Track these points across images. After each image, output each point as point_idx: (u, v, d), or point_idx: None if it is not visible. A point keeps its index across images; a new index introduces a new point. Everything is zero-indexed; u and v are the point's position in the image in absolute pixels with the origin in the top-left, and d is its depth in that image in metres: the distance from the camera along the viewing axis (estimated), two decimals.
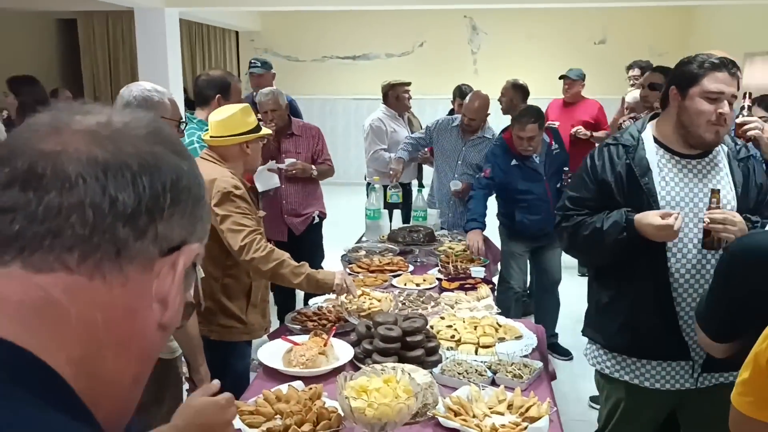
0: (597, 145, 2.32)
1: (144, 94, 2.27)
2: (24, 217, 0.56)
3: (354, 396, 1.71)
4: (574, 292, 4.53)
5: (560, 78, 6.07)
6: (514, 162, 3.92)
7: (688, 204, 2.01)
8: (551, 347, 3.95)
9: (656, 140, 2.08)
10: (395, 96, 5.17)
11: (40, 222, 0.56)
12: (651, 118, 2.22)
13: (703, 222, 1.94)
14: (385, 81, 5.22)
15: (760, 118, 2.88)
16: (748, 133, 2.38)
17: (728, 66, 1.97)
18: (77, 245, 0.56)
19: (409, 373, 1.83)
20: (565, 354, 4.31)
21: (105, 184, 0.57)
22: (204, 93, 3.35)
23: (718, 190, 1.96)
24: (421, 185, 5.28)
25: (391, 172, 4.45)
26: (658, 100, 3.85)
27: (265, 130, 2.67)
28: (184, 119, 2.52)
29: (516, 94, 5.23)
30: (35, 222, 0.56)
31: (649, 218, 1.94)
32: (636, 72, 6.25)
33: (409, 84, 5.27)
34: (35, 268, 0.56)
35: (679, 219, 1.90)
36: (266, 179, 4.00)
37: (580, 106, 5.95)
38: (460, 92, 5.62)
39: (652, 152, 2.06)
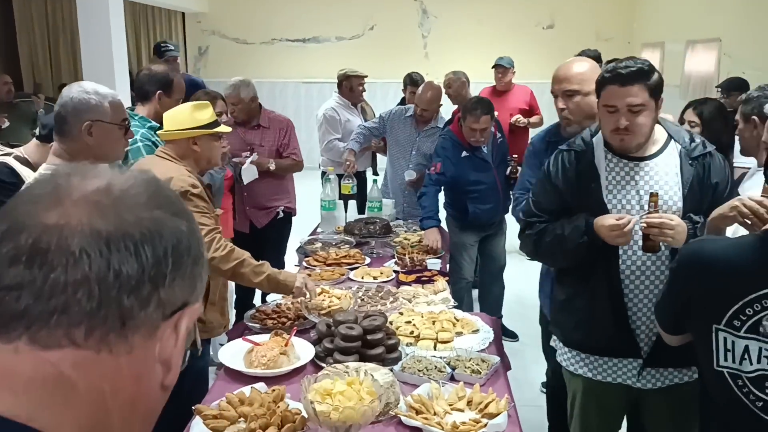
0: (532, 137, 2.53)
1: (81, 97, 2.19)
2: (30, 294, 0.56)
3: (318, 400, 1.73)
4: (515, 273, 4.69)
5: (493, 67, 6.16)
6: (464, 154, 3.96)
7: (634, 207, 2.05)
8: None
9: (606, 144, 2.10)
10: (349, 87, 5.14)
11: (47, 299, 0.56)
12: None
13: (641, 226, 1.98)
14: (342, 69, 5.16)
15: (689, 122, 2.97)
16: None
17: (620, 78, 1.97)
18: (84, 320, 0.57)
19: (372, 375, 1.86)
20: (512, 336, 4.45)
21: (109, 257, 0.57)
22: (144, 88, 3.26)
23: (656, 193, 1.99)
24: (375, 173, 5.29)
25: (345, 164, 4.45)
26: None
27: (223, 128, 2.63)
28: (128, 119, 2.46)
29: (463, 84, 5.32)
30: (42, 299, 0.56)
31: (604, 220, 2.00)
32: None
33: (365, 77, 5.23)
34: (43, 345, 0.56)
35: (632, 223, 1.96)
36: (250, 172, 3.96)
37: (511, 93, 6.09)
38: (411, 80, 5.65)
39: (601, 157, 2.10)
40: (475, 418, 1.87)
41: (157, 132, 2.60)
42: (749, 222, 1.70)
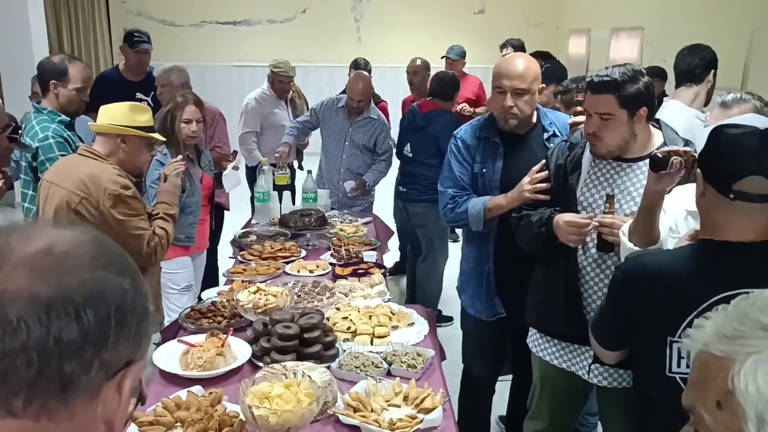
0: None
1: None
2: None
3: (256, 404, 1.74)
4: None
5: (442, 58, 6.22)
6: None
7: (600, 206, 2.15)
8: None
9: None
10: (278, 80, 5.01)
11: None
12: None
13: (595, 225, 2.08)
14: (273, 61, 5.00)
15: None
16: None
17: (591, 86, 2.07)
18: (22, 389, 0.55)
19: (309, 376, 1.88)
20: (447, 320, 4.58)
21: (48, 324, 0.55)
22: (42, 80, 3.15)
23: (613, 195, 2.09)
24: (300, 167, 5.21)
25: (276, 155, 4.41)
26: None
27: (158, 136, 2.61)
28: (14, 122, 2.34)
29: (426, 72, 5.37)
30: None
31: (566, 216, 2.12)
32: (508, 51, 6.48)
33: (291, 78, 5.06)
34: None
35: (590, 225, 2.08)
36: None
37: (462, 82, 6.13)
38: (356, 65, 5.62)
39: (589, 154, 2.19)
40: (411, 413, 1.91)
41: (89, 124, 2.54)
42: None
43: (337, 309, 2.61)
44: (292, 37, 10.32)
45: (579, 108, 2.59)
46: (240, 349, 2.30)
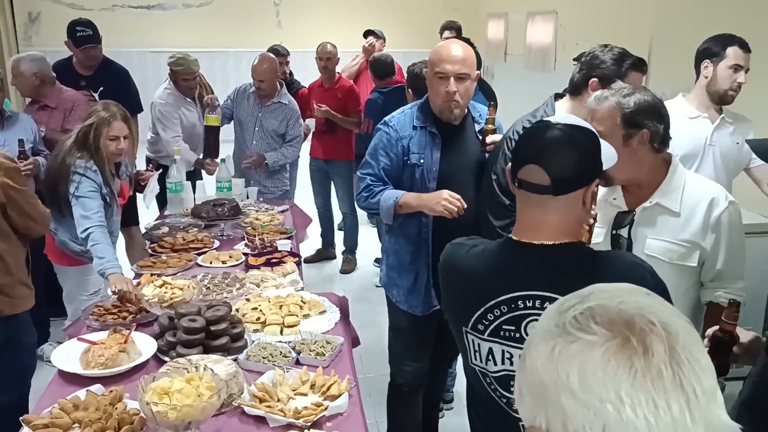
0: None
1: None
2: None
3: (156, 400, 1.71)
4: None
5: (367, 36, 6.19)
6: None
7: None
8: None
9: None
10: (181, 79, 4.58)
11: None
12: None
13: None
14: (171, 57, 4.64)
15: None
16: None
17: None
18: None
19: (211, 369, 1.85)
20: None
21: None
22: None
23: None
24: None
25: (207, 100, 4.42)
26: None
27: None
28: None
29: (336, 56, 5.34)
30: None
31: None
32: (452, 34, 6.51)
33: (195, 74, 4.65)
34: None
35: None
36: (153, 193, 3.70)
37: None
38: (274, 51, 5.53)
39: None
40: (317, 401, 1.92)
41: None
42: None
43: (247, 300, 2.59)
44: (210, 21, 10.08)
45: (491, 126, 2.59)
46: (145, 345, 2.25)
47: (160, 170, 3.66)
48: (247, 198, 4.21)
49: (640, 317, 0.67)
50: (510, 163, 1.49)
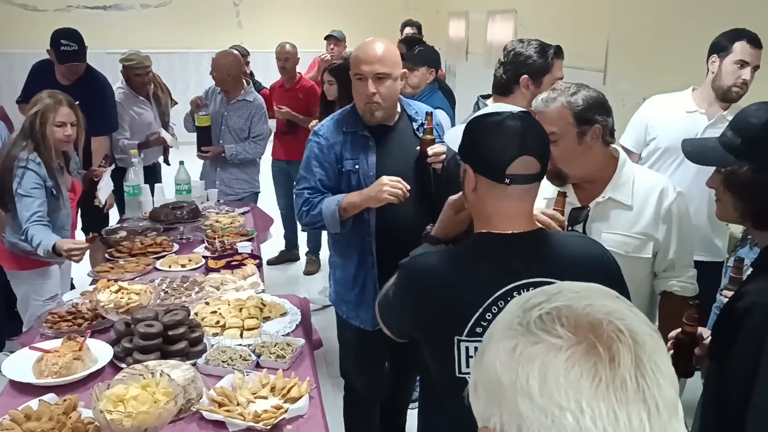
0: None
1: None
2: None
3: (110, 408, 1.67)
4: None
5: (326, 38, 6.18)
6: None
7: None
8: None
9: None
10: (134, 74, 4.57)
11: None
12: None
13: None
14: (123, 54, 4.65)
15: None
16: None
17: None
18: None
19: (168, 375, 1.82)
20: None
21: None
22: None
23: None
24: (167, 162, 5.00)
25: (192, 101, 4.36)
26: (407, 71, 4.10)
27: None
28: None
29: (296, 56, 5.30)
30: None
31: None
32: (413, 31, 6.52)
33: (148, 68, 4.65)
34: None
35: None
36: (108, 188, 3.60)
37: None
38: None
39: None
40: (277, 404, 1.90)
41: None
42: None
43: (207, 303, 2.55)
44: (168, 21, 9.94)
45: (429, 136, 2.40)
46: (101, 352, 2.20)
47: (113, 165, 3.54)
48: (207, 200, 4.15)
49: (608, 323, 0.65)
50: (486, 167, 1.45)
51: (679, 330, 1.66)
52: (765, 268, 1.49)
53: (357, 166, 2.44)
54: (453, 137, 1.79)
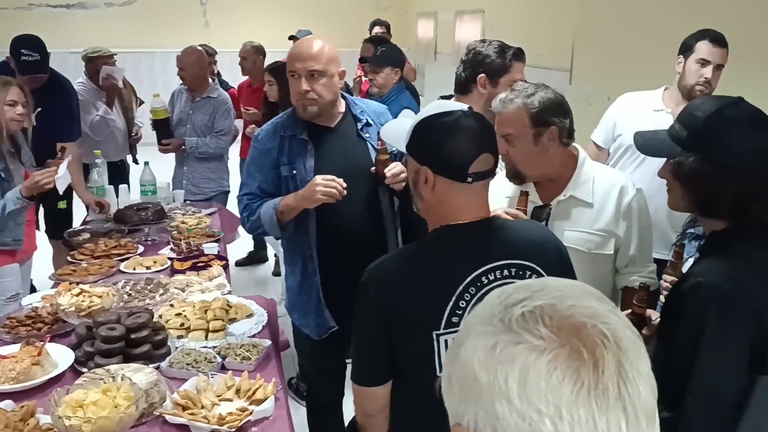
0: None
1: None
2: None
3: (69, 414, 1.64)
4: None
5: (290, 38, 6.12)
6: None
7: None
8: None
9: None
10: (94, 69, 4.48)
11: None
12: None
13: None
14: (85, 49, 4.57)
15: None
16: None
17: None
18: None
19: (130, 379, 1.79)
20: None
21: None
22: None
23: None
24: (135, 161, 4.91)
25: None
26: (372, 72, 4.09)
27: None
28: None
29: (258, 56, 5.23)
30: None
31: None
32: (382, 30, 6.51)
33: (112, 56, 4.59)
34: None
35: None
36: (65, 178, 3.51)
37: None
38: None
39: None
40: (242, 406, 1.88)
41: None
42: None
43: (171, 305, 2.52)
44: (134, 21, 9.81)
45: (383, 156, 2.30)
46: (61, 356, 2.15)
47: (70, 157, 3.44)
48: (174, 201, 4.10)
49: (592, 326, 0.62)
50: (449, 167, 1.45)
51: (629, 311, 1.69)
52: (709, 251, 1.54)
53: (294, 171, 2.35)
54: (392, 134, 1.81)
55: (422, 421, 1.48)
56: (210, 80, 4.50)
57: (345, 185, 2.22)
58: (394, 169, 2.26)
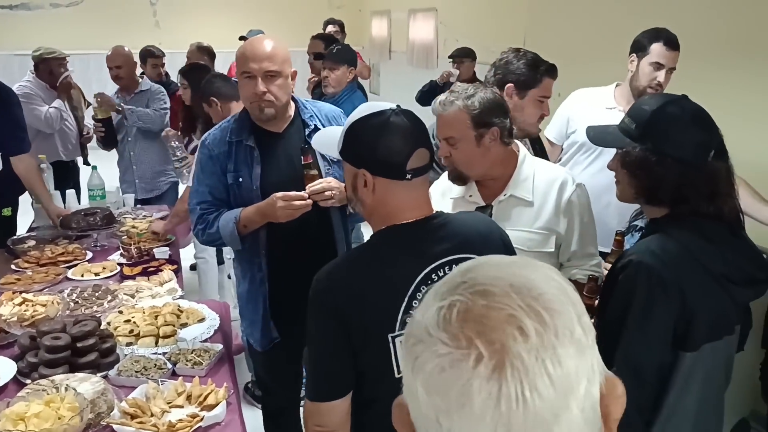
0: None
1: None
2: None
3: (9, 427, 1.58)
4: None
5: (241, 39, 6.05)
6: None
7: None
8: None
9: None
10: (48, 70, 4.49)
11: None
12: None
13: None
14: (37, 50, 4.53)
15: None
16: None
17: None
18: None
19: (74, 389, 1.74)
20: None
21: None
22: None
23: None
24: (86, 162, 4.80)
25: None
26: (325, 70, 4.06)
27: None
28: None
29: (202, 56, 5.15)
30: None
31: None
32: (335, 29, 6.49)
33: (65, 57, 4.59)
34: None
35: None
36: None
37: None
38: (148, 53, 5.33)
39: None
40: (192, 412, 1.85)
41: None
42: None
43: (120, 312, 2.46)
44: (81, 21, 9.56)
45: (313, 171, 2.20)
46: (3, 368, 2.08)
47: None
48: (124, 205, 4.01)
49: (509, 319, 0.57)
50: (386, 167, 1.45)
51: None
52: (646, 235, 1.64)
53: (240, 179, 2.26)
54: (323, 142, 1.77)
55: (383, 426, 1.44)
56: (138, 78, 4.58)
57: (307, 195, 2.12)
58: (315, 186, 2.13)
